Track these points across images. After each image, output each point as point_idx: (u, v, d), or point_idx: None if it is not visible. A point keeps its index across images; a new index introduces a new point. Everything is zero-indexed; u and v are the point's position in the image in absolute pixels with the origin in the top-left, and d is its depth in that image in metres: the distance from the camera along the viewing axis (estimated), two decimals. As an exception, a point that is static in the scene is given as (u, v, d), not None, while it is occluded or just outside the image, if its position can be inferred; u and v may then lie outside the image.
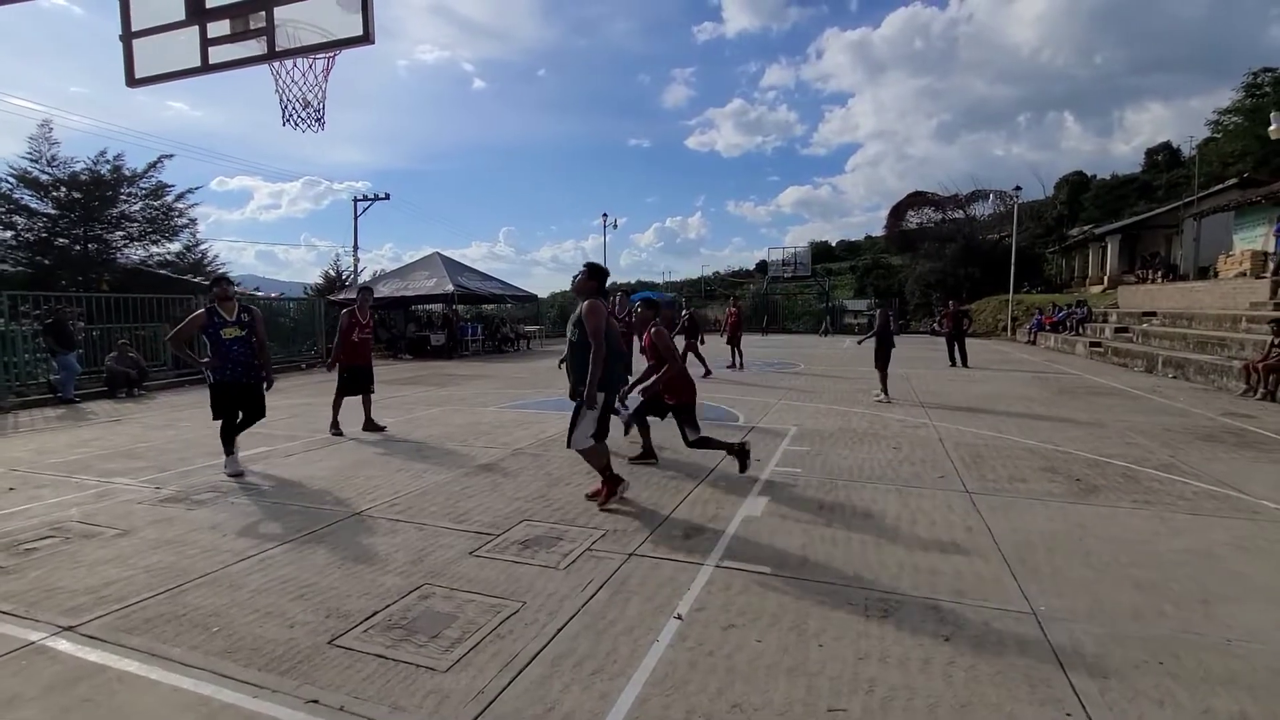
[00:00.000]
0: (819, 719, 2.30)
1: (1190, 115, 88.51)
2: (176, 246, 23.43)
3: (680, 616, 3.04)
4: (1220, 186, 25.30)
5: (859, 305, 37.66)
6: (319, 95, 4.81)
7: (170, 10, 4.54)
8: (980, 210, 41.49)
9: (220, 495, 5.11)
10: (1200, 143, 34.26)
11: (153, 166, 21.98)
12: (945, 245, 37.87)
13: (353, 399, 7.68)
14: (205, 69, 4.54)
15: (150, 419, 9.02)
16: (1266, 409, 8.89)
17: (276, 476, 5.68)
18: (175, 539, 4.14)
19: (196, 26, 4.50)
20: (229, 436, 5.80)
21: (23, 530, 4.33)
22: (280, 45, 4.37)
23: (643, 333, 6.00)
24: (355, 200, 30.50)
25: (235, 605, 3.19)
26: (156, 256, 22.80)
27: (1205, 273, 20.95)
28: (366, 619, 3.03)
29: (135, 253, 22.17)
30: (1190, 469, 5.70)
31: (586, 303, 4.56)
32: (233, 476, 5.60)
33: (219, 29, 4.47)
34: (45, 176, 20.16)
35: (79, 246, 20.63)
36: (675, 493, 5.06)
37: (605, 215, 34.76)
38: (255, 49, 4.45)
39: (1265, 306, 13.45)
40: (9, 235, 20.06)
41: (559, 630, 2.92)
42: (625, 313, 9.22)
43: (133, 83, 4.76)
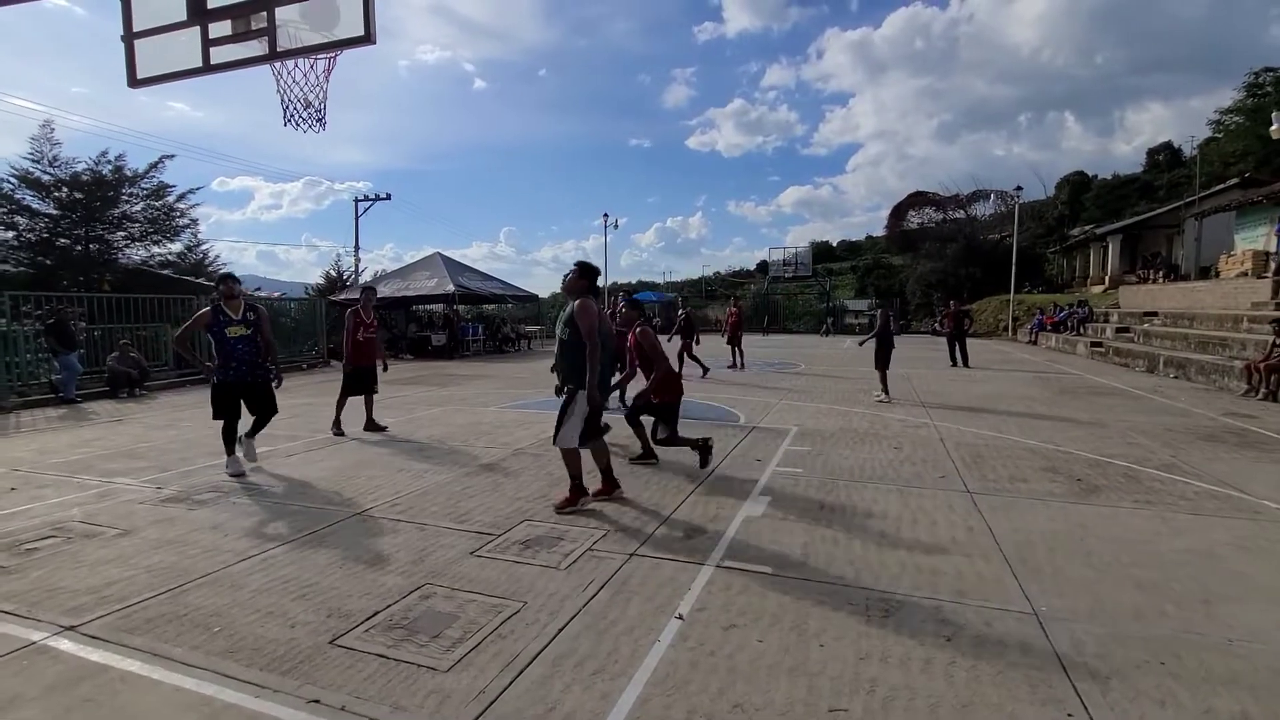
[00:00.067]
0: (820, 719, 2.30)
1: (1191, 115, 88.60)
2: (178, 247, 23.58)
3: (681, 616, 3.05)
4: (1221, 186, 25.30)
5: (860, 305, 37.67)
6: (320, 95, 4.81)
7: (171, 11, 4.55)
8: (981, 210, 41.53)
9: (221, 495, 5.12)
10: (1201, 142, 34.25)
11: (154, 167, 22.07)
12: (946, 245, 37.88)
13: (354, 399, 7.69)
14: (207, 69, 4.55)
15: (152, 419, 9.03)
16: (1268, 409, 8.88)
17: (278, 476, 5.68)
18: (177, 539, 4.14)
19: (198, 27, 4.50)
20: (230, 436, 5.80)
21: (24, 530, 4.34)
22: (281, 45, 4.38)
23: (627, 333, 6.00)
24: (356, 200, 30.56)
25: (237, 605, 3.20)
26: (158, 257, 22.92)
27: (1206, 273, 20.95)
28: (368, 619, 3.03)
29: (137, 253, 22.28)
30: (1192, 469, 5.70)
31: (578, 302, 4.56)
32: (234, 476, 5.60)
33: (220, 29, 4.48)
34: (47, 177, 20.22)
35: (80, 247, 20.67)
36: (676, 493, 5.06)
37: (606, 215, 34.65)
38: (257, 49, 4.45)
39: (1266, 306, 13.44)
40: (11, 235, 20.13)
41: (560, 630, 2.92)
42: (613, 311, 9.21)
43: (134, 83, 4.76)
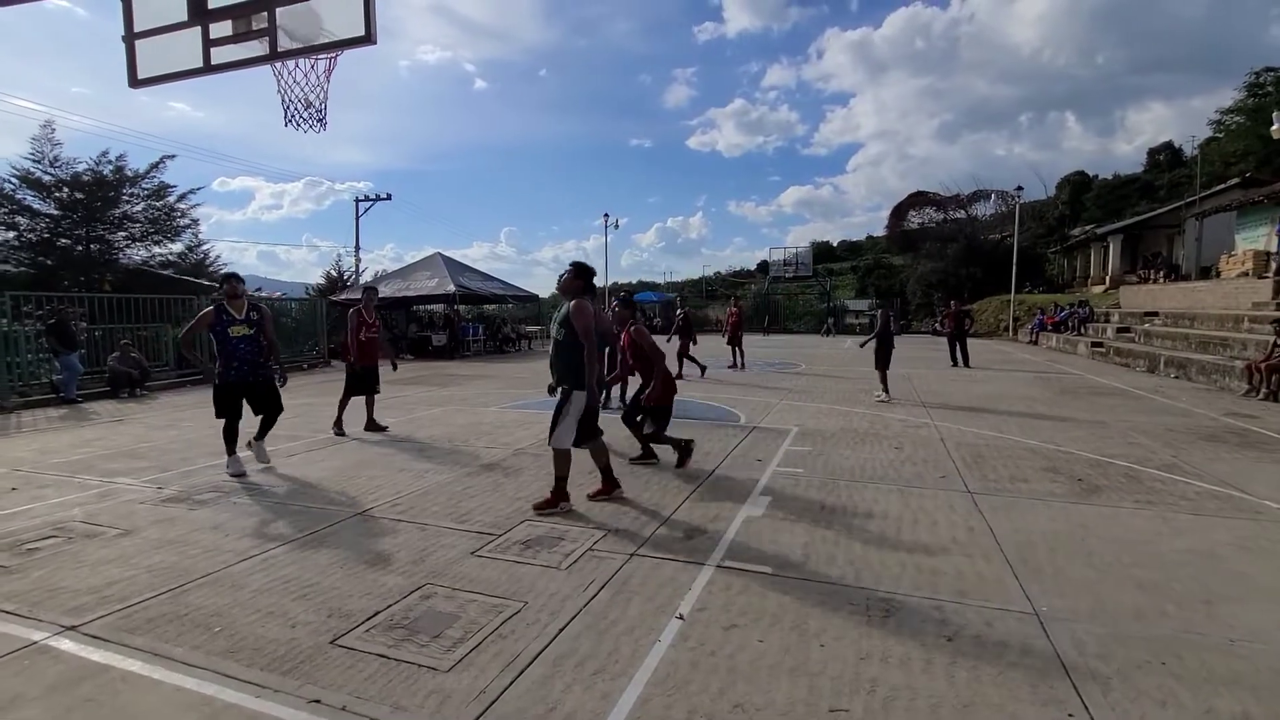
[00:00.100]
0: (821, 719, 2.30)
1: (1192, 115, 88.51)
2: (178, 247, 23.60)
3: (682, 616, 3.05)
4: (1222, 186, 25.29)
5: (860, 305, 37.65)
6: (321, 96, 4.80)
7: (172, 11, 4.55)
8: (982, 210, 41.46)
9: (222, 495, 5.12)
10: (1202, 142, 34.24)
11: (155, 167, 22.09)
12: (947, 245, 37.85)
13: (355, 399, 7.69)
14: (207, 70, 4.55)
15: (152, 419, 9.04)
16: (1269, 409, 8.87)
17: (278, 476, 5.68)
18: (177, 539, 4.15)
19: (199, 27, 4.50)
20: (231, 436, 5.80)
21: (25, 530, 4.34)
22: (282, 46, 4.38)
23: (620, 332, 5.99)
24: (357, 200, 30.57)
25: (237, 605, 3.20)
26: (159, 257, 22.93)
27: (1207, 273, 20.94)
28: (368, 619, 3.04)
29: (137, 253, 22.29)
30: (1193, 469, 5.70)
31: (574, 302, 4.57)
32: (235, 476, 5.61)
33: (221, 30, 4.48)
34: (48, 177, 20.24)
35: (81, 247, 20.69)
36: (676, 493, 5.06)
37: (607, 215, 34.67)
38: (257, 50, 4.45)
39: (1267, 306, 13.43)
40: (12, 236, 20.15)
41: (561, 630, 2.92)
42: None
43: (135, 83, 4.77)
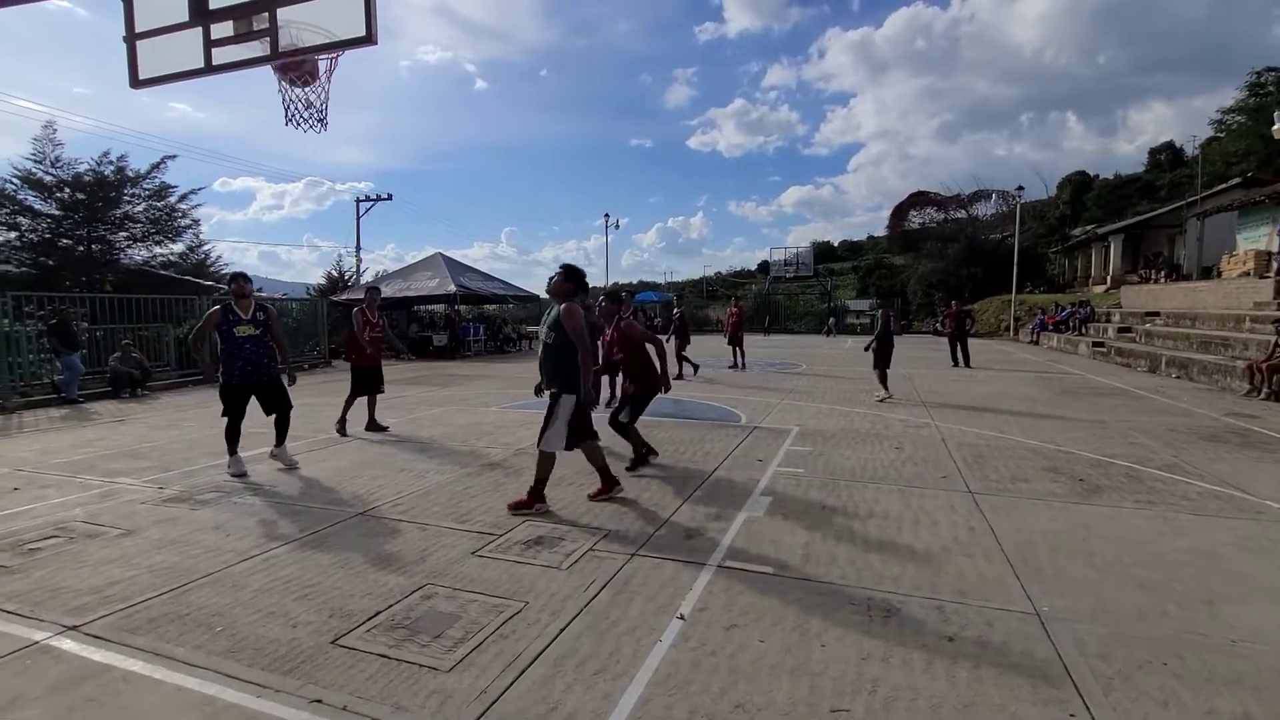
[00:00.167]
0: (822, 719, 2.30)
1: (1193, 115, 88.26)
2: (180, 247, 23.65)
3: (683, 616, 3.05)
4: (1224, 186, 25.28)
5: (861, 305, 37.67)
6: (322, 96, 4.81)
7: (173, 11, 4.55)
8: (983, 210, 41.49)
9: (223, 495, 5.12)
10: (1203, 142, 34.19)
11: (156, 167, 22.16)
12: (948, 245, 37.83)
13: (358, 399, 7.70)
14: (209, 70, 4.55)
15: (154, 419, 9.04)
16: (1270, 409, 8.86)
17: (280, 476, 5.68)
18: (179, 539, 4.15)
19: (200, 28, 4.50)
20: (233, 436, 5.80)
21: (27, 530, 4.34)
22: (283, 46, 4.38)
23: (607, 328, 5.98)
24: (358, 201, 30.58)
25: (239, 605, 3.20)
26: (160, 257, 22.97)
27: (1208, 273, 20.92)
28: (369, 619, 3.04)
29: (139, 253, 22.35)
30: (1194, 469, 5.69)
31: (564, 305, 4.54)
32: (236, 476, 5.61)
33: (222, 30, 4.48)
34: (49, 177, 20.29)
35: (83, 247, 20.73)
36: (677, 493, 5.06)
37: (607, 215, 34.87)
38: (258, 50, 4.45)
39: (1269, 306, 13.42)
40: (13, 236, 20.20)
41: (561, 630, 2.92)
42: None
43: (136, 84, 4.77)
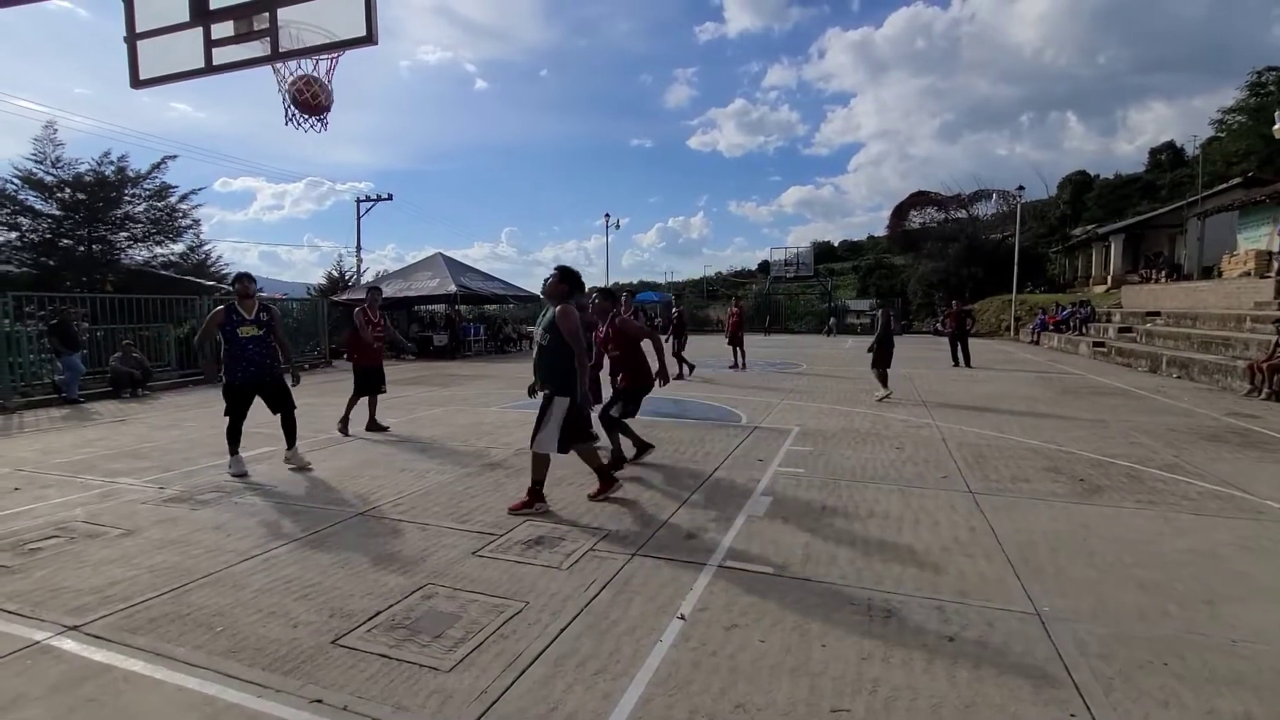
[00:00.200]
0: (823, 719, 2.30)
1: (1194, 114, 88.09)
2: (180, 247, 23.65)
3: (683, 616, 3.04)
4: (1224, 186, 25.27)
5: (862, 305, 37.67)
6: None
7: (174, 12, 4.56)
8: (983, 210, 41.50)
9: (224, 495, 5.13)
10: (1204, 142, 34.21)
11: (156, 168, 22.17)
12: (948, 245, 37.81)
13: (361, 398, 7.69)
14: (209, 70, 4.56)
15: (154, 419, 9.05)
16: (1271, 409, 8.86)
17: (280, 476, 5.69)
18: (179, 539, 4.15)
19: (200, 28, 4.52)
20: (234, 436, 5.81)
21: (28, 530, 4.35)
22: (284, 46, 4.39)
23: (600, 325, 5.98)
24: (358, 201, 30.58)
25: (239, 605, 3.20)
26: (160, 257, 22.97)
27: (1209, 272, 20.91)
28: (370, 619, 3.04)
29: (139, 253, 22.36)
30: (1194, 469, 5.69)
31: (559, 307, 4.52)
32: (237, 476, 5.61)
33: (223, 30, 4.49)
34: (50, 178, 20.30)
35: (83, 247, 20.74)
36: (677, 493, 5.06)
37: (607, 215, 34.92)
38: (259, 50, 4.46)
39: (1270, 306, 13.41)
40: (14, 236, 20.21)
41: (562, 630, 2.92)
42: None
43: (137, 84, 4.78)
